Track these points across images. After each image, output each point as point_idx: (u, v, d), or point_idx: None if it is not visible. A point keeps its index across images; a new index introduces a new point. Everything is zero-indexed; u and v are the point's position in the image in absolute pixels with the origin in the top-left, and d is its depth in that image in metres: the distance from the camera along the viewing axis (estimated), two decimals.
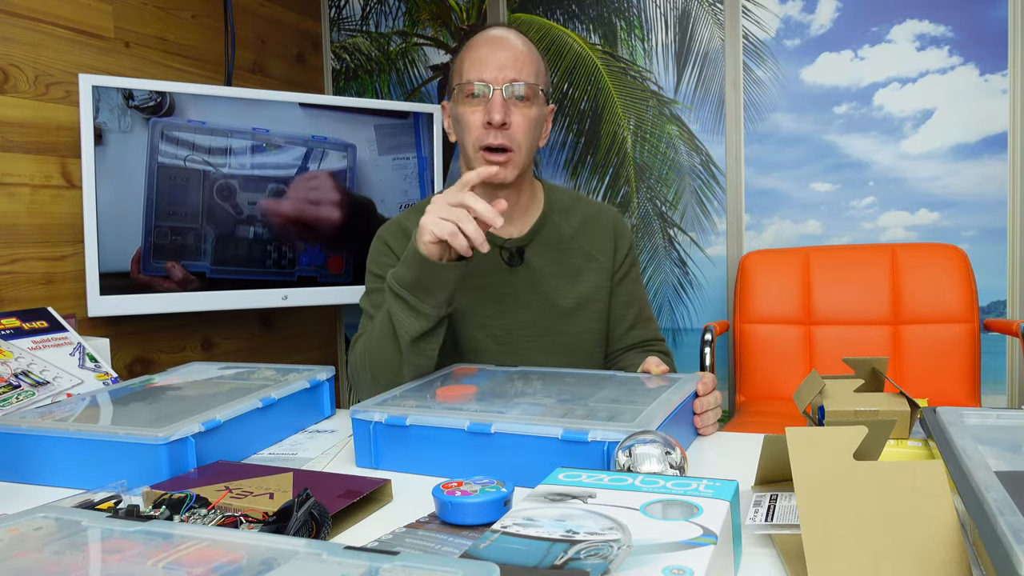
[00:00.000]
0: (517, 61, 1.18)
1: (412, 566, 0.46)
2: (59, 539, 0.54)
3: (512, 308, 1.26)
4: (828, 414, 0.84)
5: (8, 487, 0.86)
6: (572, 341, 1.29)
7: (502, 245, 1.28)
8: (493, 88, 1.16)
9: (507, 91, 1.17)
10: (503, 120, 1.16)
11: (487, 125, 1.16)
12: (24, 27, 1.74)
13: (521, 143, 1.19)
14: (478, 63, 1.18)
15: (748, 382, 2.11)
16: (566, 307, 1.28)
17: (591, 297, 1.30)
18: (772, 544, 0.62)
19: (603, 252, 1.33)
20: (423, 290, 1.05)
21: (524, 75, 1.18)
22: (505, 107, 1.16)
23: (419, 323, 1.06)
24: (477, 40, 1.22)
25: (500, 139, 1.17)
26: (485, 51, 1.18)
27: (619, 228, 1.36)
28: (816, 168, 2.25)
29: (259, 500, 0.71)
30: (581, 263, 1.31)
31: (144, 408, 0.96)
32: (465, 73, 1.19)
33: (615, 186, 2.45)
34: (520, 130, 1.18)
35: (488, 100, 1.17)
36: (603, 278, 1.32)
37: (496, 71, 1.17)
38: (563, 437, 0.78)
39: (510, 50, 1.18)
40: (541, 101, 1.22)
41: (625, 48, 2.42)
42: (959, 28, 2.08)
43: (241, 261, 2.04)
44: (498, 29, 1.23)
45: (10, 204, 1.72)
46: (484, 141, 1.17)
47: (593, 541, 0.50)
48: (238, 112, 2.01)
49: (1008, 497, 0.49)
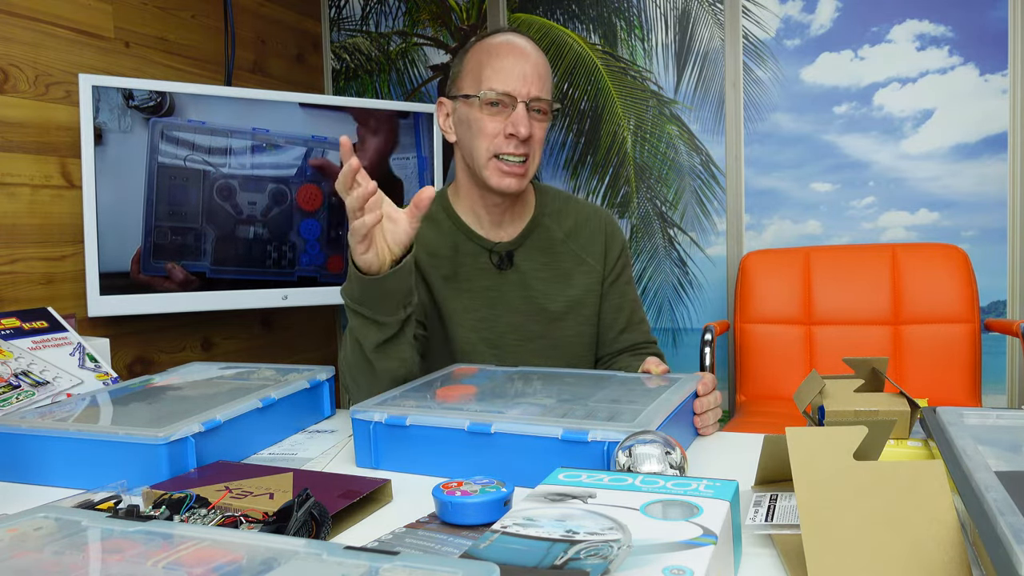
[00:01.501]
0: (540, 76, 1.20)
1: (412, 566, 0.46)
2: (59, 539, 0.54)
3: (502, 312, 1.26)
4: (828, 414, 0.84)
5: (8, 487, 0.86)
6: (562, 344, 1.28)
7: (492, 249, 1.28)
8: (518, 100, 1.18)
9: (529, 104, 1.19)
10: (529, 134, 1.18)
11: (509, 136, 1.18)
12: (24, 27, 1.74)
13: (536, 155, 1.23)
14: (502, 73, 1.19)
15: (748, 382, 2.11)
16: (556, 311, 1.28)
17: (581, 301, 1.30)
18: (772, 544, 0.62)
19: (594, 255, 1.32)
20: (374, 301, 1.04)
21: (545, 92, 1.21)
22: (529, 121, 1.19)
23: (380, 333, 1.06)
24: (498, 47, 1.21)
25: (523, 149, 1.20)
26: (509, 62, 1.19)
27: (610, 230, 1.35)
28: (816, 168, 2.25)
29: (259, 500, 0.71)
30: (571, 266, 1.31)
31: (144, 408, 0.96)
32: (486, 80, 1.19)
33: (615, 186, 2.45)
34: (537, 142, 1.22)
35: (510, 111, 1.18)
36: (594, 281, 1.31)
37: (520, 83, 1.18)
38: (563, 437, 0.78)
39: (533, 63, 1.20)
40: (551, 116, 1.25)
41: (625, 48, 2.42)
42: (959, 28, 2.08)
43: (241, 261, 2.04)
44: (516, 37, 1.24)
45: (10, 204, 1.72)
46: (503, 149, 1.19)
47: (593, 541, 0.50)
48: (238, 112, 2.01)
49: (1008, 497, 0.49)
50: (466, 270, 1.27)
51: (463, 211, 1.30)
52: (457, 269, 1.27)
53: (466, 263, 1.27)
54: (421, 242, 1.27)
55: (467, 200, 1.29)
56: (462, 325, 1.25)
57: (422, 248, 1.26)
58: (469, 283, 1.26)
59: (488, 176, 1.21)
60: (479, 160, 1.21)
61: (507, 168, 1.20)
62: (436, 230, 1.29)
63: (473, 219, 1.29)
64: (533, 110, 1.19)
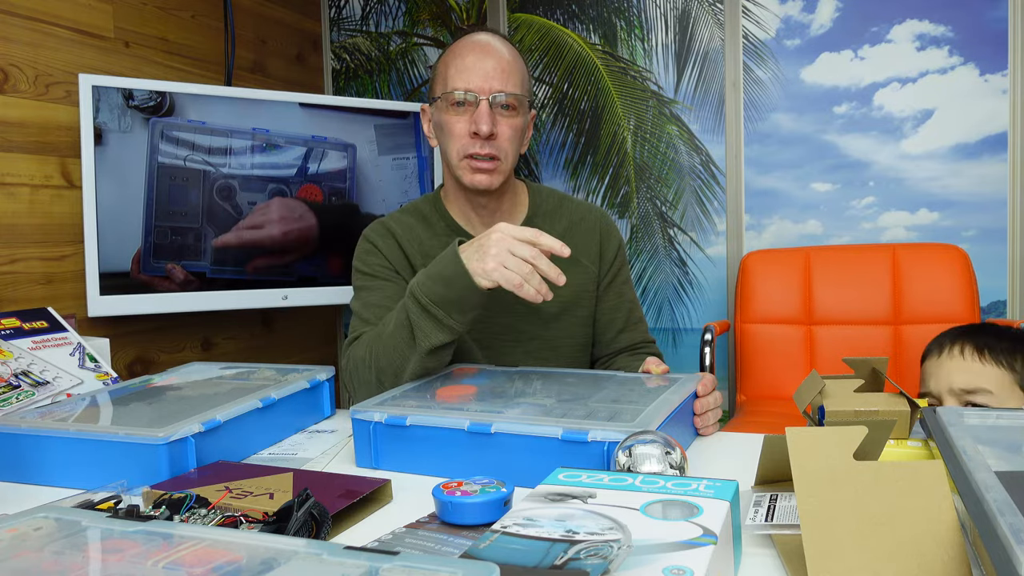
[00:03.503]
0: (503, 71, 1.18)
1: (412, 566, 0.46)
2: (59, 539, 0.54)
3: (495, 313, 1.25)
4: (828, 414, 0.84)
5: (8, 487, 0.86)
6: (555, 346, 1.28)
7: None
8: (480, 98, 1.17)
9: (493, 101, 1.17)
10: (491, 131, 1.16)
11: (474, 135, 1.17)
12: (24, 27, 1.74)
13: (508, 151, 1.20)
14: (464, 71, 1.18)
15: (748, 382, 2.11)
16: (549, 312, 1.27)
17: (575, 302, 1.29)
18: (772, 544, 0.62)
19: (588, 256, 1.31)
20: (457, 309, 1.02)
21: (510, 85, 1.18)
22: (492, 117, 1.16)
23: (443, 336, 1.04)
24: (462, 47, 1.21)
25: (487, 148, 1.18)
26: (471, 59, 1.18)
27: (606, 230, 1.34)
28: (816, 168, 2.25)
29: (259, 500, 0.71)
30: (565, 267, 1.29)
31: (144, 408, 0.95)
32: (450, 81, 1.19)
33: (615, 186, 2.45)
34: (505, 139, 1.19)
35: (475, 109, 1.17)
36: (588, 282, 1.30)
37: (482, 80, 1.17)
38: (563, 437, 0.78)
39: (496, 59, 1.18)
40: (525, 110, 1.23)
41: (625, 48, 2.42)
42: (959, 28, 2.08)
43: (241, 261, 2.04)
44: (482, 35, 1.22)
45: (10, 204, 1.72)
46: (470, 150, 1.18)
47: (593, 541, 0.50)
48: (238, 112, 2.01)
49: (1008, 497, 0.49)
50: None
51: (455, 213, 1.30)
52: None
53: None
54: (416, 243, 1.27)
55: (456, 202, 1.29)
56: None
57: (417, 249, 1.26)
58: None
59: (461, 175, 1.21)
60: (453, 161, 1.21)
61: (476, 165, 1.19)
62: (430, 231, 1.29)
63: (464, 220, 1.29)
64: (499, 105, 1.18)
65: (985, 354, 1.15)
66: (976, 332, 1.19)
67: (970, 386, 1.14)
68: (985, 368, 1.14)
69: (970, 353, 1.16)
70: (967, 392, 1.14)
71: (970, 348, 1.17)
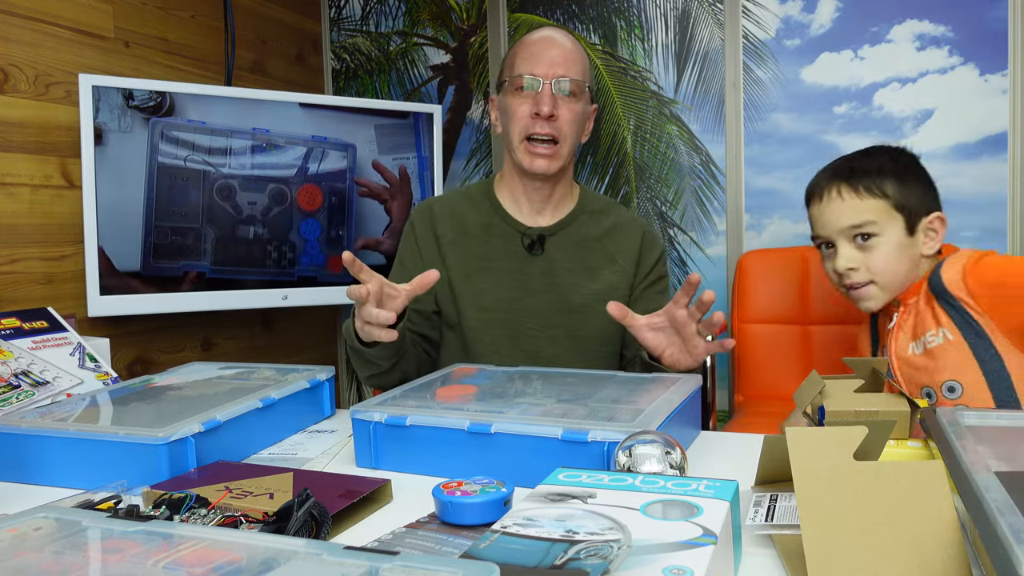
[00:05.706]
0: (566, 59, 1.24)
1: (412, 566, 0.46)
2: (59, 539, 0.54)
3: (524, 296, 1.29)
4: (828, 414, 0.84)
5: (8, 487, 0.86)
6: (578, 336, 1.30)
7: (524, 232, 1.31)
8: (543, 82, 1.22)
9: (555, 86, 1.23)
10: (551, 112, 1.22)
11: (535, 116, 1.22)
12: (24, 27, 1.74)
13: (567, 134, 1.25)
14: (529, 59, 1.25)
15: (747, 382, 2.10)
16: (578, 303, 1.30)
17: (606, 297, 1.30)
18: (772, 544, 0.62)
19: (626, 258, 1.34)
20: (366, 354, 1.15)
21: (572, 72, 1.25)
22: (553, 100, 1.22)
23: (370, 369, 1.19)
24: (529, 37, 1.29)
25: (547, 128, 1.23)
26: (537, 48, 1.25)
27: (648, 239, 1.38)
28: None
29: (259, 500, 0.71)
30: (602, 263, 1.33)
31: (144, 408, 0.96)
32: (516, 67, 1.26)
33: (615, 186, 2.45)
34: (566, 122, 1.24)
35: (537, 93, 1.23)
36: (622, 281, 1.33)
37: (546, 67, 1.23)
38: (563, 437, 0.78)
39: (560, 48, 1.25)
40: (586, 98, 1.28)
41: (625, 48, 2.42)
42: (959, 28, 2.08)
43: (241, 261, 2.04)
44: (549, 29, 1.31)
45: (10, 204, 1.72)
46: (531, 130, 1.24)
47: (593, 541, 0.50)
48: (238, 112, 2.01)
49: (1008, 497, 0.49)
50: (496, 251, 1.32)
51: (504, 197, 1.35)
52: (487, 249, 1.31)
53: (497, 244, 1.32)
54: (454, 219, 1.34)
55: (509, 187, 1.35)
56: (480, 305, 1.27)
57: (451, 229, 1.33)
58: (493, 263, 1.30)
59: (520, 158, 1.26)
60: (513, 143, 1.27)
61: (535, 149, 1.24)
62: (474, 209, 1.35)
63: (512, 204, 1.35)
64: (562, 91, 1.23)
65: (860, 190, 1.27)
66: (847, 170, 1.30)
67: (855, 222, 1.26)
68: (864, 202, 1.26)
69: (847, 192, 1.28)
70: (854, 227, 1.27)
71: (846, 188, 1.28)
